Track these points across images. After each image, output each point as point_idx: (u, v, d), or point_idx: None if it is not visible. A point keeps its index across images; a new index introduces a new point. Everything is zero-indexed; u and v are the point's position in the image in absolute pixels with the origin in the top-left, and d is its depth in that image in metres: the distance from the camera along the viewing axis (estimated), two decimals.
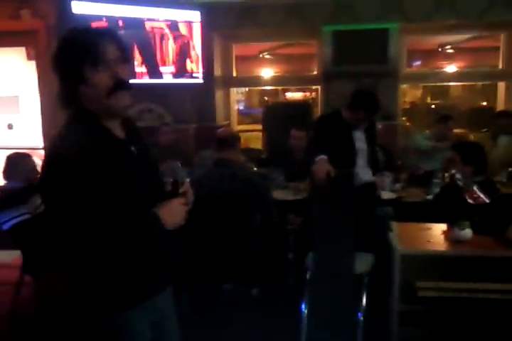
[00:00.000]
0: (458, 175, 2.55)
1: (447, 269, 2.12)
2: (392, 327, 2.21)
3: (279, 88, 8.88)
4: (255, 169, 4.07)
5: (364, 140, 3.36)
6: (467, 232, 2.24)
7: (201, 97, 5.26)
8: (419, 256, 2.17)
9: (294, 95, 9.00)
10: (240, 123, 6.52)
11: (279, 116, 5.11)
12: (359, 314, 2.82)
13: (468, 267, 2.11)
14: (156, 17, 4.80)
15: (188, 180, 1.55)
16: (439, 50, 6.34)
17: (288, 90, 9.17)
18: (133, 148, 1.46)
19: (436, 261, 2.17)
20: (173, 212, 1.42)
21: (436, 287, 2.03)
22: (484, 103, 7.58)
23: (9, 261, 4.17)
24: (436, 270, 2.12)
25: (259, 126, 5.89)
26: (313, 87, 6.28)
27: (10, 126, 4.88)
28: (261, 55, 7.13)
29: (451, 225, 2.33)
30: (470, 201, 2.32)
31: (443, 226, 2.41)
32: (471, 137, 5.18)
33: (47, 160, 1.35)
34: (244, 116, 8.31)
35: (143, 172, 1.47)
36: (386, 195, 3.64)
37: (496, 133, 4.32)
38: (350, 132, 3.30)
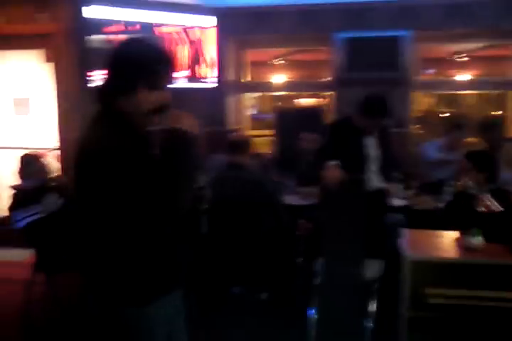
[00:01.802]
0: (470, 183, 2.55)
1: (457, 277, 2.11)
2: (400, 333, 2.20)
3: (292, 94, 8.91)
4: (266, 174, 4.07)
5: (375, 146, 3.35)
6: (479, 240, 2.24)
7: (214, 102, 5.29)
8: (429, 263, 2.17)
9: (307, 101, 9.01)
10: (252, 128, 6.53)
11: (290, 122, 5.12)
12: (368, 320, 2.82)
13: (478, 275, 2.10)
14: (171, 22, 4.85)
15: None
16: (453, 58, 6.33)
17: (300, 96, 9.19)
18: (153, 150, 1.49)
19: (446, 268, 2.16)
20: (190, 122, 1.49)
21: (445, 294, 2.02)
22: (499, 112, 7.53)
23: (22, 259, 4.21)
24: (446, 277, 2.12)
25: (271, 132, 5.90)
26: (326, 94, 6.28)
27: (24, 127, 4.94)
28: (274, 61, 7.16)
29: (463, 233, 2.32)
30: (482, 209, 2.31)
31: (454, 234, 2.41)
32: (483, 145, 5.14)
33: (84, 157, 1.41)
34: (257, 121, 8.33)
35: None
36: (397, 202, 3.64)
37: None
38: (361, 138, 3.30)
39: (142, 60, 1.45)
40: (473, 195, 2.46)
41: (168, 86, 1.51)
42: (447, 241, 2.44)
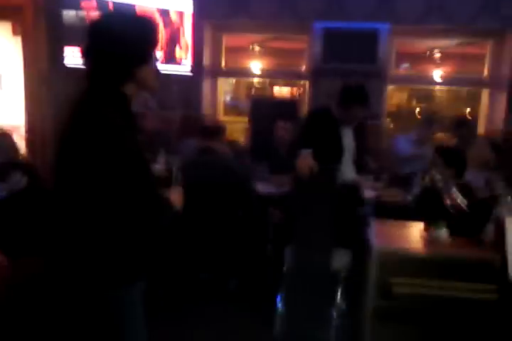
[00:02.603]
0: (438, 177, 2.60)
1: (423, 268, 2.16)
2: (366, 322, 2.24)
3: (267, 82, 8.88)
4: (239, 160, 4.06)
5: (352, 138, 3.37)
6: (443, 232, 2.29)
7: (188, 86, 5.23)
8: (396, 254, 2.20)
9: (282, 90, 9.00)
10: (225, 114, 6.49)
11: (265, 110, 5.11)
12: (335, 309, 2.87)
13: (443, 267, 2.15)
14: (148, 3, 4.74)
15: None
16: (427, 54, 6.41)
17: (275, 84, 9.17)
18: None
19: (412, 259, 2.21)
20: (176, 199, 1.55)
21: (410, 283, 2.07)
22: (469, 109, 7.68)
23: None
24: (411, 268, 2.16)
25: (245, 119, 5.88)
26: (301, 83, 6.28)
27: None
28: (251, 47, 7.10)
29: (429, 225, 2.37)
30: (448, 203, 2.36)
31: (421, 226, 2.45)
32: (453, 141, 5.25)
33: (86, 136, 1.38)
34: (230, 108, 8.28)
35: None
36: (366, 193, 3.68)
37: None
38: (339, 129, 3.31)
39: (145, 30, 1.48)
40: (440, 188, 2.51)
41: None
42: (414, 232, 2.48)
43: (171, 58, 4.91)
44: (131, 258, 1.49)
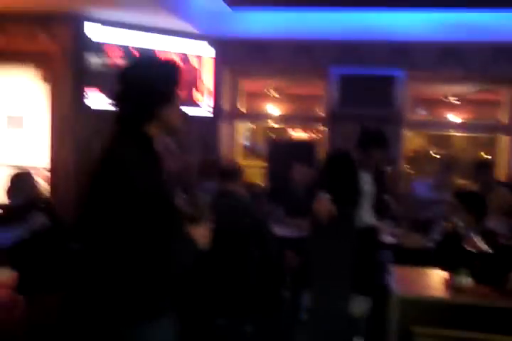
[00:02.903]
0: (459, 223, 2.56)
1: (445, 316, 2.09)
2: None
3: (284, 126, 9.01)
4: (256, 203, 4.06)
5: (371, 183, 3.34)
6: (467, 280, 2.24)
7: (207, 129, 5.32)
8: (417, 301, 2.15)
9: (298, 134, 9.11)
10: (243, 157, 6.56)
11: (283, 153, 5.15)
12: None
13: (466, 315, 2.09)
14: (169, 49, 4.92)
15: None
16: (444, 99, 6.48)
17: (292, 128, 9.29)
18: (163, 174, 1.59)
19: (434, 307, 2.14)
20: (202, 235, 1.55)
21: (432, 334, 2.00)
22: (488, 156, 7.65)
23: (2, 280, 4.11)
24: (433, 316, 2.09)
25: (262, 162, 5.93)
26: (318, 127, 6.36)
27: (16, 144, 4.91)
28: (268, 92, 7.27)
29: (451, 272, 2.32)
30: (471, 249, 2.31)
31: (442, 273, 2.40)
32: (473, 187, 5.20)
33: (103, 179, 1.46)
34: (248, 151, 8.38)
35: (171, 195, 1.59)
36: (386, 239, 3.63)
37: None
38: (358, 173, 3.30)
39: (169, 72, 1.56)
40: (462, 235, 2.47)
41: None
42: (436, 279, 2.43)
43: (188, 100, 5.04)
44: (152, 295, 1.49)
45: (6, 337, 3.26)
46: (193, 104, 5.13)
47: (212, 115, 5.26)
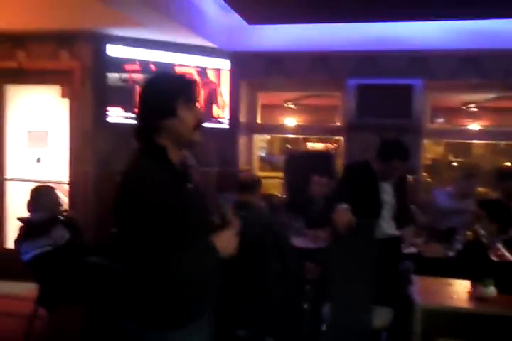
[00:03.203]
0: (482, 232, 2.52)
1: (469, 327, 2.05)
2: None
3: (301, 137, 9.02)
4: (275, 215, 4.05)
5: (391, 193, 3.27)
6: (491, 290, 2.19)
7: (225, 142, 5.36)
8: (441, 312, 2.11)
9: (315, 145, 9.11)
10: (261, 169, 6.57)
11: (300, 164, 5.15)
12: None
13: (490, 326, 2.04)
14: (187, 63, 4.99)
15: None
16: (463, 108, 6.42)
17: (309, 140, 9.29)
18: (189, 185, 1.65)
19: (457, 317, 2.10)
20: (227, 242, 1.57)
21: None
22: (508, 163, 7.54)
23: (24, 293, 4.16)
24: (457, 327, 2.05)
25: (279, 174, 5.93)
26: (336, 138, 6.35)
27: (38, 160, 5.01)
28: (285, 105, 7.30)
29: (475, 282, 2.28)
30: (494, 259, 2.27)
31: (465, 283, 2.36)
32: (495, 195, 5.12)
33: (125, 190, 1.53)
34: (266, 163, 8.39)
35: (197, 206, 1.65)
36: (406, 249, 3.59)
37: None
38: (378, 183, 3.26)
39: (175, 85, 1.62)
40: (485, 244, 2.43)
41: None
42: (459, 289, 2.39)
43: (208, 116, 5.09)
44: (174, 301, 1.55)
45: None
46: (212, 117, 5.17)
47: (229, 128, 5.29)
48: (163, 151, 1.59)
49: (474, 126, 5.86)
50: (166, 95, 1.58)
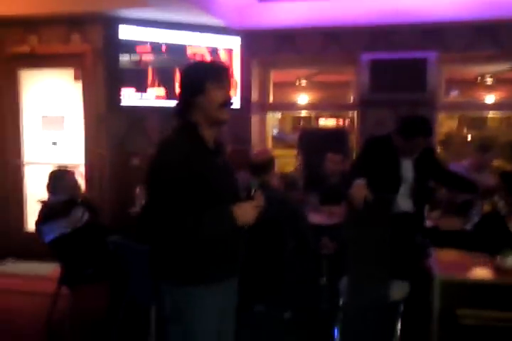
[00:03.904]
0: (501, 203, 2.51)
1: (489, 298, 2.06)
2: None
3: (312, 115, 8.96)
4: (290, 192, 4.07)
5: (411, 169, 3.21)
6: (511, 261, 2.20)
7: (238, 121, 5.34)
8: (460, 284, 2.12)
9: (327, 122, 9.06)
10: (273, 147, 6.56)
11: (314, 141, 5.14)
12: None
13: (510, 296, 2.05)
14: (197, 43, 4.96)
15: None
16: (478, 80, 6.31)
17: (321, 117, 9.24)
18: (219, 159, 1.82)
19: (477, 289, 2.12)
20: (246, 212, 1.71)
21: (477, 315, 1.98)
22: None
23: (48, 273, 4.27)
24: (477, 298, 2.07)
25: (293, 152, 5.92)
26: (349, 114, 6.31)
27: (54, 143, 5.06)
28: (297, 82, 7.23)
29: (494, 253, 2.28)
30: None
31: (484, 254, 2.36)
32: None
33: (156, 160, 1.72)
34: (278, 141, 8.37)
35: (225, 180, 1.83)
36: (424, 223, 3.58)
37: None
38: (398, 159, 3.20)
39: (206, 66, 1.86)
40: (504, 215, 2.42)
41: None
42: (478, 261, 2.39)
43: None
44: (198, 260, 1.74)
45: (52, 327, 3.40)
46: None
47: (241, 107, 5.27)
48: (195, 127, 1.77)
49: (490, 98, 5.76)
50: (197, 75, 1.78)
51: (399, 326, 2.78)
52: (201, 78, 1.76)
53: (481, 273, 2.27)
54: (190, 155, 1.69)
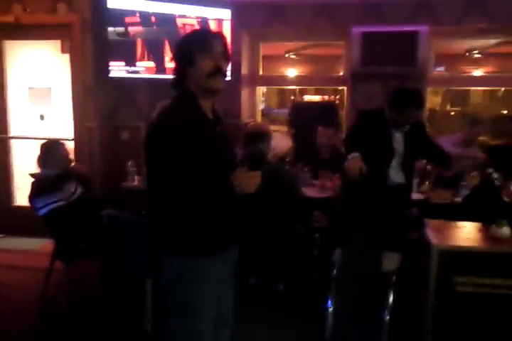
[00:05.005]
0: (495, 175, 2.56)
1: (485, 266, 2.13)
2: (426, 321, 2.22)
3: (297, 90, 8.90)
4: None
5: (402, 142, 3.25)
6: (506, 230, 2.26)
7: (228, 95, 5.29)
8: (456, 252, 2.18)
9: (312, 98, 9.01)
10: (262, 122, 6.54)
11: (305, 115, 5.13)
12: (385, 312, 2.84)
13: (505, 265, 2.12)
14: (187, 14, 4.86)
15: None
16: (466, 54, 6.33)
17: (306, 92, 9.19)
18: (217, 128, 1.82)
19: (473, 257, 2.18)
20: (246, 180, 1.68)
21: (474, 282, 2.04)
22: (505, 111, 7.53)
23: (37, 247, 4.26)
24: (473, 267, 2.13)
25: (279, 127, 5.92)
26: (337, 88, 6.29)
27: (42, 117, 4.97)
28: (287, 55, 7.17)
29: (489, 223, 2.34)
30: (507, 200, 2.33)
31: (477, 225, 2.42)
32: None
33: (153, 129, 1.71)
34: (265, 116, 8.33)
35: (223, 148, 1.83)
36: (413, 195, 3.64)
37: None
38: (390, 132, 3.22)
39: (195, 37, 1.83)
40: (497, 185, 2.48)
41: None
42: (472, 231, 2.46)
43: None
44: (199, 231, 1.75)
45: (46, 302, 3.42)
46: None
47: (231, 80, 5.22)
48: (192, 95, 1.77)
49: (477, 72, 5.79)
50: (186, 46, 1.78)
51: (391, 297, 2.85)
52: (190, 49, 1.76)
53: (476, 242, 2.33)
54: (189, 123, 1.69)
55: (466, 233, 2.49)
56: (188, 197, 1.66)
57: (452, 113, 8.84)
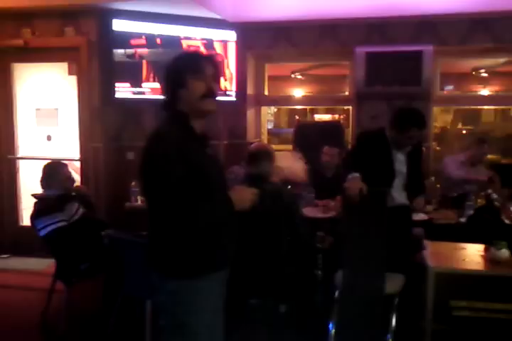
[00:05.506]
0: (494, 196, 2.52)
1: (482, 290, 2.08)
2: None
3: (308, 109, 8.95)
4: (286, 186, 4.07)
5: (404, 162, 3.21)
6: (504, 252, 2.21)
7: (233, 115, 5.33)
8: (454, 275, 2.13)
9: (322, 117, 9.04)
10: (269, 142, 6.55)
11: (310, 135, 5.14)
12: (388, 335, 2.78)
13: (504, 288, 2.06)
14: (193, 36, 4.93)
15: None
16: (473, 73, 6.31)
17: (316, 112, 9.23)
18: (207, 149, 1.84)
19: (470, 281, 2.13)
20: (243, 196, 1.74)
21: (470, 306, 1.99)
22: None
23: (42, 268, 4.26)
24: (470, 290, 2.08)
25: (288, 146, 5.92)
26: (345, 108, 6.30)
27: (49, 138, 5.03)
28: (293, 76, 7.22)
29: (488, 245, 2.29)
30: (507, 221, 2.28)
31: (478, 247, 2.38)
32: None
33: (148, 150, 1.72)
34: (273, 135, 8.36)
35: (216, 169, 1.84)
36: (418, 216, 3.60)
37: None
38: (391, 153, 3.19)
39: (186, 59, 1.83)
40: (497, 207, 2.43)
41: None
42: (472, 253, 2.41)
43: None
44: (195, 251, 1.74)
45: (48, 322, 3.40)
46: (221, 91, 5.13)
47: (237, 100, 5.26)
48: (185, 117, 1.78)
49: (484, 91, 5.76)
50: (177, 69, 1.78)
51: (394, 319, 2.79)
52: (181, 72, 1.77)
53: (475, 264, 2.28)
54: (183, 145, 1.70)
55: (465, 255, 2.44)
56: (184, 217, 1.66)
57: (464, 131, 8.78)
